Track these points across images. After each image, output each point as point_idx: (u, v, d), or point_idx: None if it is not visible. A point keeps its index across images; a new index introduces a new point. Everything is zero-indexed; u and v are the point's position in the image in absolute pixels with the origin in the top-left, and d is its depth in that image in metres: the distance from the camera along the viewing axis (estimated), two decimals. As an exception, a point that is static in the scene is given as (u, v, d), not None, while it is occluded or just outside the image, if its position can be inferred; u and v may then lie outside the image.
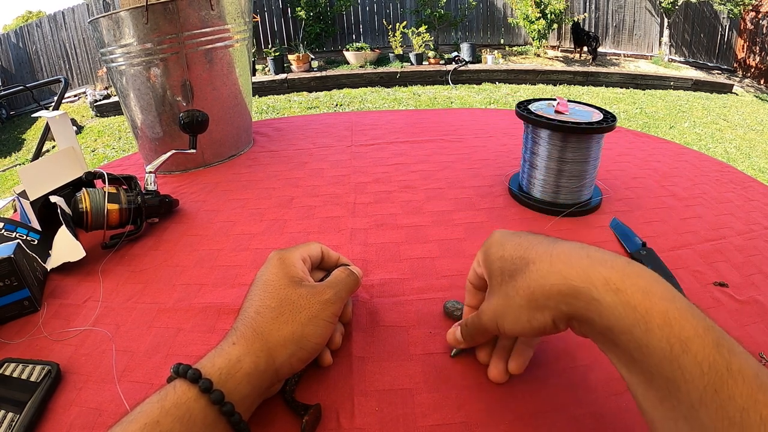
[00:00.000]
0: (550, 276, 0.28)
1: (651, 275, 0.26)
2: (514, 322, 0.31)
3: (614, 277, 0.26)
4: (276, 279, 0.38)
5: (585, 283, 0.27)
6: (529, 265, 0.30)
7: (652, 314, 0.24)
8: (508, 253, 0.33)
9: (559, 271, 0.28)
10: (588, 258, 0.28)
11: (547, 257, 0.29)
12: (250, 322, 0.35)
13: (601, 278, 0.26)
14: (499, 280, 0.33)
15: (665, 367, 0.23)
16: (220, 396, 0.30)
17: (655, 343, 0.24)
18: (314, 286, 0.39)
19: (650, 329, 0.24)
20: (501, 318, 0.32)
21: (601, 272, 0.26)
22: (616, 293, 0.25)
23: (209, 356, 0.33)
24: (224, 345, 0.34)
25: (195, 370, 0.31)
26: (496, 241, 0.36)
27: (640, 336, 0.24)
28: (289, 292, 0.37)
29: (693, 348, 0.23)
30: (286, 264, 0.40)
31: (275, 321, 0.35)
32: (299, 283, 0.38)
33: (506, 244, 0.34)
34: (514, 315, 0.31)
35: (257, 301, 0.37)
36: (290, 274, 0.39)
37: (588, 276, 0.27)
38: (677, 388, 0.23)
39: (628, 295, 0.25)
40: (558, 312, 0.29)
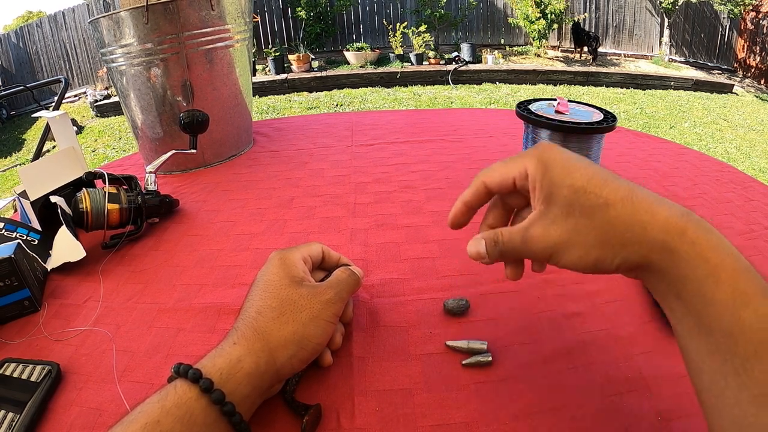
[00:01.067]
0: (631, 224, 0.27)
1: (718, 233, 0.27)
2: (578, 259, 0.29)
3: (691, 229, 0.26)
4: (277, 279, 0.38)
5: (664, 235, 0.26)
6: (609, 206, 0.28)
7: (722, 268, 0.25)
8: (578, 183, 0.29)
9: (641, 221, 0.27)
10: (668, 209, 0.27)
11: (630, 203, 0.28)
12: (251, 322, 0.35)
13: (679, 229, 0.26)
14: (566, 212, 0.29)
15: (726, 319, 0.24)
16: (220, 396, 0.30)
17: (721, 296, 0.24)
18: (315, 287, 0.39)
19: (719, 281, 0.25)
20: (561, 252, 0.30)
21: (679, 224, 0.26)
22: (692, 245, 0.26)
23: (210, 356, 0.33)
24: (225, 345, 0.34)
25: (196, 370, 0.31)
26: (558, 161, 0.31)
27: (709, 287, 0.25)
28: (290, 293, 0.37)
29: (754, 303, 0.24)
30: (287, 264, 0.40)
31: (276, 321, 0.35)
32: (300, 283, 0.38)
33: (573, 171, 0.30)
34: (582, 253, 0.29)
35: (258, 301, 0.37)
36: (291, 274, 0.39)
37: (668, 227, 0.27)
38: (734, 341, 0.23)
39: (702, 248, 0.26)
40: (629, 259, 0.28)
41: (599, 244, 0.28)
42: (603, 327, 0.44)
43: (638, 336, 0.43)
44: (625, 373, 0.39)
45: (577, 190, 0.29)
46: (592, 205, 0.29)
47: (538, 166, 0.32)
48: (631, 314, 0.46)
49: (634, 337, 0.43)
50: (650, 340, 0.42)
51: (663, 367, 0.39)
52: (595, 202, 0.28)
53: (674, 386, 0.37)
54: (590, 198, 0.29)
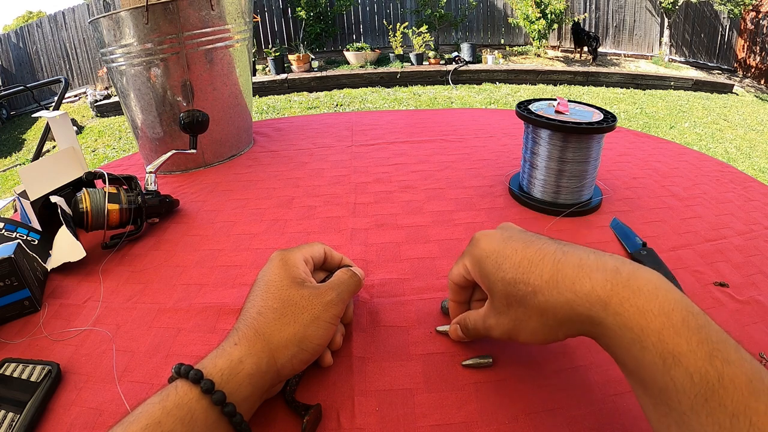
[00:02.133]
0: (560, 305, 0.30)
1: (650, 290, 0.27)
2: (530, 336, 0.33)
3: (614, 300, 0.28)
4: (278, 280, 0.38)
5: (589, 310, 0.29)
6: (536, 294, 0.31)
7: (647, 333, 0.26)
8: (509, 275, 0.33)
9: (567, 300, 0.30)
10: (590, 281, 0.29)
11: (554, 286, 0.30)
12: (252, 322, 0.35)
13: (602, 302, 0.28)
14: (505, 303, 0.34)
15: (658, 379, 0.25)
16: (221, 397, 0.30)
17: (649, 359, 0.26)
18: (317, 287, 0.39)
19: (645, 347, 0.26)
20: (515, 334, 0.34)
21: (601, 296, 0.28)
22: (615, 316, 0.27)
23: (211, 357, 0.33)
24: (226, 345, 0.34)
25: (197, 370, 0.30)
26: (488, 254, 0.35)
27: (636, 353, 0.26)
28: (292, 293, 0.37)
29: (684, 361, 0.24)
30: (289, 265, 0.40)
31: (277, 322, 0.35)
32: (301, 284, 0.38)
33: (502, 263, 0.34)
34: (530, 332, 0.33)
35: (259, 301, 0.37)
36: (292, 274, 0.39)
37: (590, 302, 0.29)
38: (669, 397, 0.25)
39: (625, 318, 0.27)
40: (569, 333, 0.31)
41: (541, 326, 0.32)
42: (603, 327, 0.44)
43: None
44: (625, 373, 0.39)
45: (509, 282, 0.33)
46: (524, 294, 0.32)
47: (473, 265, 0.37)
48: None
49: (634, 337, 0.43)
50: (650, 340, 0.42)
51: (663, 367, 0.39)
52: (525, 291, 0.32)
53: (674, 386, 0.37)
54: (520, 288, 0.32)
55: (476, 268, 0.36)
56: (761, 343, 0.42)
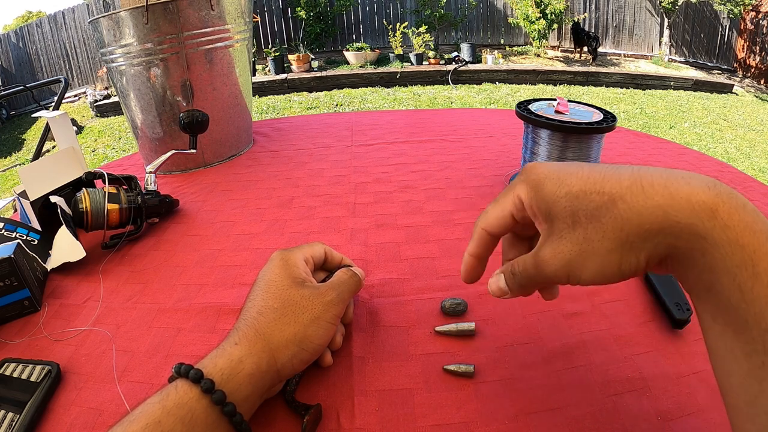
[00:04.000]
0: (649, 212, 0.24)
1: (754, 208, 0.23)
2: (599, 270, 0.26)
3: (722, 209, 0.22)
4: (278, 279, 0.38)
5: (690, 218, 0.23)
6: (616, 201, 0.25)
7: (760, 255, 0.21)
8: (575, 188, 0.27)
9: (659, 205, 0.24)
10: (688, 185, 0.24)
11: (640, 190, 0.24)
12: (252, 322, 0.35)
13: (708, 209, 0.23)
14: (570, 222, 0.27)
15: (766, 317, 0.21)
16: (221, 396, 0.30)
17: (760, 289, 0.21)
18: (317, 287, 0.39)
19: (757, 273, 0.21)
20: (579, 267, 0.26)
21: (706, 201, 0.23)
22: (723, 229, 0.22)
23: (211, 356, 0.33)
24: (226, 345, 0.34)
25: (197, 370, 0.31)
26: (548, 175, 0.29)
27: (746, 279, 0.21)
28: (292, 293, 0.37)
29: None
30: (289, 264, 0.40)
31: (277, 322, 0.35)
32: (302, 284, 0.38)
33: (565, 178, 0.27)
34: (601, 262, 0.26)
35: (259, 301, 0.37)
36: (293, 274, 0.39)
37: (693, 207, 0.23)
38: None
39: (736, 232, 0.22)
40: (655, 253, 0.25)
41: (617, 246, 0.25)
42: (603, 327, 0.44)
43: (638, 336, 0.43)
44: (625, 373, 0.39)
45: (576, 196, 0.27)
46: (597, 206, 0.26)
47: (528, 190, 0.29)
48: (631, 314, 0.46)
49: (634, 337, 0.43)
50: (650, 340, 0.42)
51: (663, 367, 0.39)
52: (599, 202, 0.25)
53: (674, 386, 0.37)
54: (592, 199, 0.26)
55: (532, 192, 0.29)
56: (761, 343, 0.42)
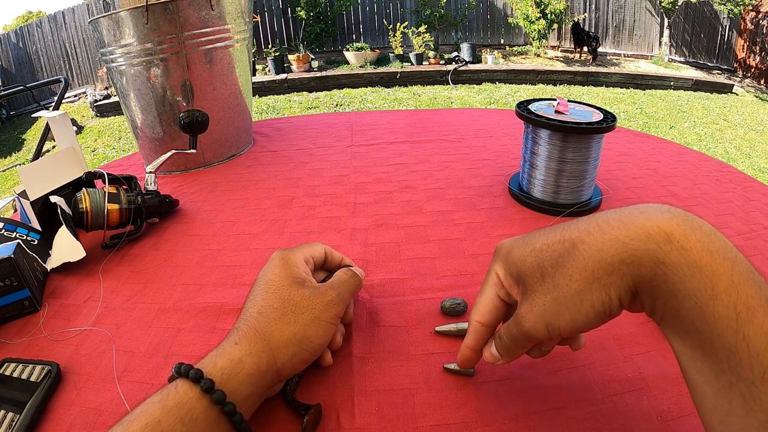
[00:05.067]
0: (607, 246, 0.25)
1: (710, 228, 0.23)
2: (573, 314, 0.26)
3: (677, 232, 0.23)
4: (278, 279, 0.38)
5: (647, 244, 0.23)
6: (576, 244, 0.26)
7: (718, 277, 0.22)
8: (539, 244, 0.28)
9: (616, 237, 0.24)
10: (642, 214, 0.24)
11: (597, 228, 0.25)
12: (252, 322, 0.35)
13: (663, 234, 0.23)
14: (539, 275, 0.28)
15: (729, 338, 0.21)
16: (221, 396, 0.30)
17: (720, 310, 0.21)
18: (317, 287, 0.39)
19: (716, 294, 0.22)
20: (554, 316, 0.27)
21: (661, 227, 0.23)
22: (680, 252, 0.23)
23: (211, 356, 0.33)
24: (226, 345, 0.34)
25: (197, 370, 0.31)
26: (514, 244, 0.31)
27: (705, 301, 0.22)
28: (292, 293, 0.37)
29: (758, 316, 0.21)
30: (289, 264, 0.40)
31: (277, 321, 0.35)
32: (302, 283, 0.38)
33: (530, 240, 0.29)
34: (573, 305, 0.26)
35: (259, 301, 0.37)
36: (293, 274, 0.39)
37: (649, 234, 0.23)
38: (739, 362, 0.21)
39: (693, 254, 0.22)
40: (623, 286, 0.25)
41: (585, 286, 0.26)
42: (603, 327, 0.44)
43: (638, 336, 0.43)
44: (625, 373, 0.39)
45: (540, 250, 0.28)
46: (560, 253, 0.27)
47: (501, 263, 0.31)
48: (631, 314, 0.45)
49: (634, 337, 0.43)
50: (650, 340, 0.42)
51: (663, 367, 0.39)
52: (560, 250, 0.27)
53: (674, 386, 0.37)
54: (555, 248, 0.27)
55: (504, 264, 0.31)
56: (761, 343, 0.42)
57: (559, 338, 0.29)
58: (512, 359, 0.32)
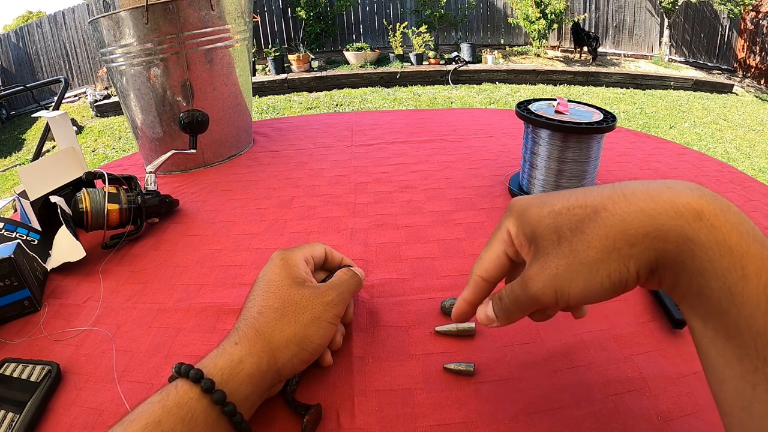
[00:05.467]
0: (632, 217, 0.23)
1: (738, 210, 0.23)
2: (587, 283, 0.25)
3: (707, 210, 0.22)
4: (279, 279, 0.38)
5: (676, 220, 0.22)
6: (599, 211, 0.25)
7: (748, 257, 0.21)
8: (558, 206, 0.27)
9: (642, 209, 0.23)
10: (670, 190, 0.23)
11: (622, 198, 0.24)
12: (253, 322, 0.35)
13: (693, 211, 0.22)
14: (555, 238, 0.26)
15: (757, 320, 0.20)
16: (222, 396, 0.30)
17: (750, 291, 0.21)
18: (317, 287, 0.39)
19: (746, 275, 0.21)
20: (566, 282, 0.26)
21: (691, 204, 0.22)
22: (710, 230, 0.22)
23: (211, 356, 0.33)
24: (226, 345, 0.34)
25: (197, 370, 0.31)
26: (530, 203, 0.29)
27: (735, 282, 0.21)
28: (292, 293, 0.37)
29: None
30: (289, 264, 0.40)
31: (278, 322, 0.35)
32: (302, 283, 0.38)
33: (549, 200, 0.28)
34: (588, 274, 0.25)
35: (260, 301, 0.37)
36: (293, 274, 0.39)
37: (677, 210, 0.23)
38: (765, 345, 0.20)
39: (723, 233, 0.22)
40: (643, 260, 0.24)
41: (604, 255, 0.24)
42: (603, 327, 0.44)
43: (638, 336, 0.43)
44: (625, 373, 0.39)
45: (559, 212, 0.27)
46: (580, 219, 0.25)
47: (513, 220, 0.30)
48: (631, 314, 0.46)
49: (634, 337, 0.43)
50: (650, 340, 0.42)
51: (663, 367, 0.39)
52: (581, 215, 0.25)
53: (674, 386, 0.37)
54: (575, 213, 0.26)
55: (518, 221, 0.29)
56: (761, 343, 0.42)
57: (566, 305, 0.27)
58: (508, 323, 0.30)
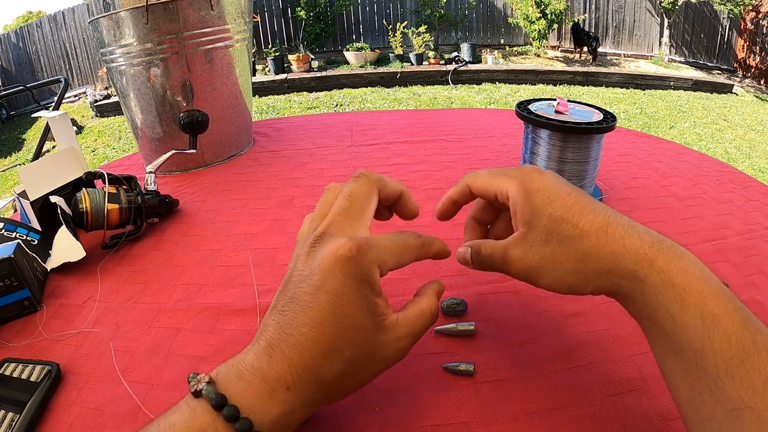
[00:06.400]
0: (605, 255, 0.29)
1: (691, 257, 0.28)
2: (553, 283, 0.32)
3: (660, 259, 0.28)
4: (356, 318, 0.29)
5: (634, 265, 0.28)
6: (584, 237, 0.30)
7: (689, 292, 0.26)
8: (558, 213, 0.31)
9: (613, 251, 0.29)
10: (639, 239, 0.29)
11: (603, 234, 0.29)
12: (314, 368, 0.28)
13: (648, 259, 0.28)
14: (544, 239, 0.31)
15: (696, 340, 0.25)
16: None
17: (689, 318, 0.25)
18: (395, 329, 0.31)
19: (686, 306, 0.26)
20: (538, 275, 0.32)
21: (648, 254, 0.28)
22: (659, 273, 0.27)
23: (257, 396, 0.27)
24: (277, 386, 0.28)
25: (245, 420, 0.26)
26: (540, 188, 0.33)
27: (676, 311, 0.26)
28: (371, 340, 0.30)
29: (723, 323, 0.25)
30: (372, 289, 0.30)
31: (344, 375, 0.29)
32: (383, 324, 0.30)
33: (554, 200, 0.32)
34: (555, 277, 0.31)
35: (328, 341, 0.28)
36: (374, 308, 0.30)
37: (637, 258, 0.28)
38: (705, 359, 0.25)
39: (670, 275, 0.27)
40: (601, 287, 0.30)
41: (574, 271, 0.30)
42: (603, 327, 0.44)
43: (638, 336, 0.43)
44: (625, 373, 0.39)
45: (556, 220, 0.31)
46: (569, 236, 0.30)
47: (519, 191, 0.33)
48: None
49: (634, 337, 0.43)
50: (650, 340, 0.42)
51: (663, 367, 0.39)
52: (571, 233, 0.30)
53: (674, 386, 0.37)
54: (567, 228, 0.31)
55: (522, 197, 0.33)
56: (761, 343, 0.42)
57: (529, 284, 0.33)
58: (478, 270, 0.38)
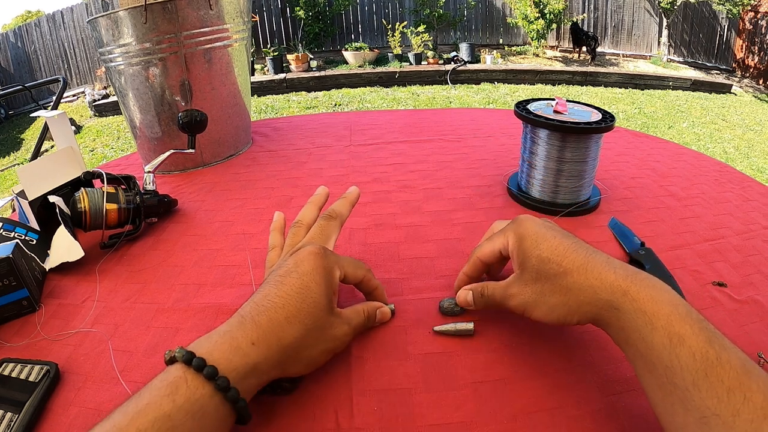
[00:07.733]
0: (584, 289, 0.34)
1: (661, 286, 0.32)
2: (544, 314, 0.37)
3: (632, 289, 0.32)
4: (317, 295, 0.38)
5: (610, 295, 0.33)
6: (567, 274, 0.35)
7: (657, 316, 0.30)
8: (544, 254, 0.37)
9: (592, 285, 0.34)
10: (614, 273, 0.34)
11: (583, 271, 0.35)
12: (276, 328, 0.35)
13: (621, 290, 0.33)
14: (534, 277, 0.38)
15: (665, 357, 0.29)
16: (236, 395, 0.31)
17: (658, 339, 0.29)
18: (341, 317, 0.40)
19: (655, 328, 0.30)
20: (532, 308, 0.38)
21: (622, 286, 0.33)
22: (632, 302, 0.32)
23: (223, 349, 0.32)
24: (242, 341, 0.33)
25: (212, 367, 0.31)
26: (529, 234, 0.39)
27: (647, 333, 0.30)
28: (324, 317, 0.38)
29: (688, 342, 0.28)
30: (331, 280, 0.40)
31: (301, 339, 0.36)
32: (333, 309, 0.39)
33: (541, 243, 0.38)
34: (546, 309, 0.37)
35: (292, 309, 0.36)
36: (329, 294, 0.39)
37: (612, 289, 0.33)
38: (674, 374, 0.28)
39: (640, 303, 0.31)
40: (584, 317, 0.35)
41: (560, 304, 0.36)
42: (601, 326, 0.44)
43: (637, 335, 0.43)
44: (624, 373, 0.39)
45: (543, 260, 0.37)
46: (554, 273, 0.36)
47: (514, 239, 0.41)
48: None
49: (633, 336, 0.43)
50: (649, 339, 0.42)
51: (661, 367, 0.39)
52: (556, 271, 0.36)
53: (672, 386, 0.37)
54: (552, 267, 0.36)
55: (516, 242, 0.40)
56: (759, 342, 0.42)
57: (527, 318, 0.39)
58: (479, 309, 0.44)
